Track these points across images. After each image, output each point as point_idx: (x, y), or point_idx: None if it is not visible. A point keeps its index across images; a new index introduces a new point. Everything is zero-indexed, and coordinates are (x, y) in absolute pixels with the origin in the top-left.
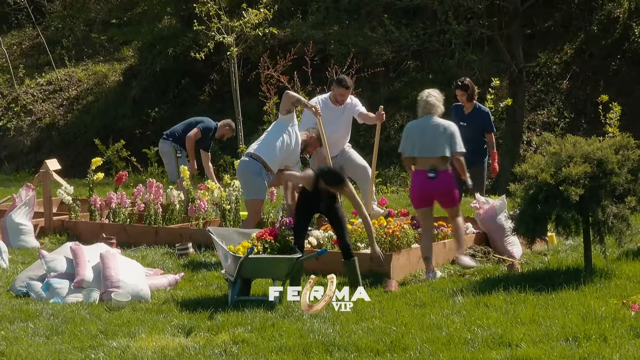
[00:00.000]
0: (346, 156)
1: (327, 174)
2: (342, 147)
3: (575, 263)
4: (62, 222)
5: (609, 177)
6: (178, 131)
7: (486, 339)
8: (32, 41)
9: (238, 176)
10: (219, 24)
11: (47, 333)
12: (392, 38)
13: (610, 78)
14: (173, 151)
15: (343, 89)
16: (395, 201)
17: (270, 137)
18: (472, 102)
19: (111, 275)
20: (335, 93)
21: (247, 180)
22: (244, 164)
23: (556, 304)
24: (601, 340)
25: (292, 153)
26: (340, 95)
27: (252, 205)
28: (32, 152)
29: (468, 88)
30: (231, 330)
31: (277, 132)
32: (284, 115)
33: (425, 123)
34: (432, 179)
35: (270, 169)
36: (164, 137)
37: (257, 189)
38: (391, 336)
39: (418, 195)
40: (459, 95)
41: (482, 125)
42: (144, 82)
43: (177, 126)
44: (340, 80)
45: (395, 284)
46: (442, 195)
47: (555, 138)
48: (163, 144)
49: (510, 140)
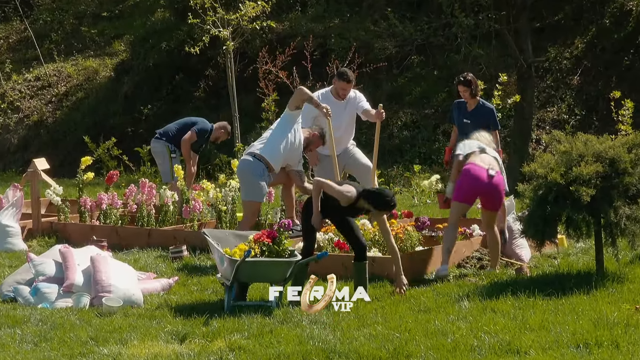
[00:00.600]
0: (350, 155)
1: (377, 198)
2: (345, 145)
3: (586, 267)
4: (51, 224)
5: (622, 177)
6: (172, 131)
7: (493, 346)
8: (19, 35)
9: (238, 175)
10: (215, 17)
11: (35, 340)
12: (396, 32)
13: (622, 73)
14: (167, 151)
15: (344, 82)
16: (398, 202)
17: (276, 136)
18: (475, 99)
19: (102, 279)
20: (337, 87)
21: (247, 180)
22: (247, 163)
23: (566, 310)
24: (613, 347)
25: (295, 152)
26: (342, 89)
27: (250, 206)
28: (20, 150)
29: (471, 84)
30: (227, 337)
31: (282, 131)
32: (292, 111)
33: None
34: (492, 177)
35: (273, 169)
36: (156, 136)
37: (257, 190)
38: (394, 343)
39: (473, 190)
40: (462, 91)
41: (486, 123)
42: (136, 78)
43: (171, 125)
44: (341, 74)
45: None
46: (494, 196)
47: (566, 136)
48: (156, 143)
49: (518, 138)
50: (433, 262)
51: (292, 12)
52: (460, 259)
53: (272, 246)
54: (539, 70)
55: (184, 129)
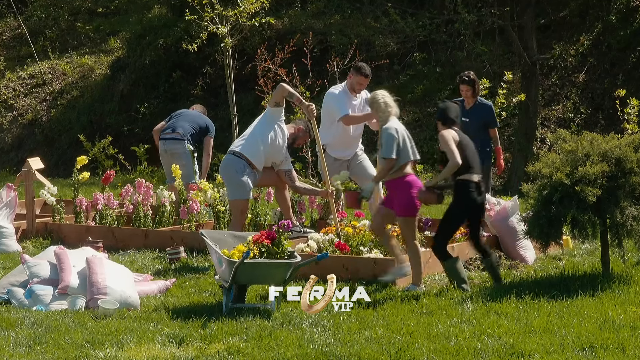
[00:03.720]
0: (357, 161)
1: None
2: (355, 148)
3: (591, 268)
4: (46, 225)
5: (628, 177)
6: (190, 131)
7: (497, 349)
8: (13, 32)
9: (220, 174)
10: (213, 14)
11: (30, 343)
12: (397, 28)
13: (629, 71)
14: (190, 152)
15: (362, 76)
16: None
17: (255, 133)
18: (474, 97)
19: (98, 281)
20: (354, 81)
21: (229, 178)
22: (227, 160)
23: (571, 312)
24: (619, 350)
25: (277, 149)
26: (359, 84)
27: (236, 205)
28: (14, 150)
29: (475, 83)
30: (225, 340)
31: (262, 128)
32: (272, 108)
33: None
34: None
35: (255, 167)
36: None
37: (240, 188)
38: (396, 346)
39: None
40: (464, 90)
41: (485, 120)
42: (133, 76)
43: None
44: (359, 68)
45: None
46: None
47: (571, 135)
48: (178, 144)
49: (523, 137)
50: (434, 262)
51: (292, 9)
52: (463, 260)
53: (271, 247)
54: (544, 68)
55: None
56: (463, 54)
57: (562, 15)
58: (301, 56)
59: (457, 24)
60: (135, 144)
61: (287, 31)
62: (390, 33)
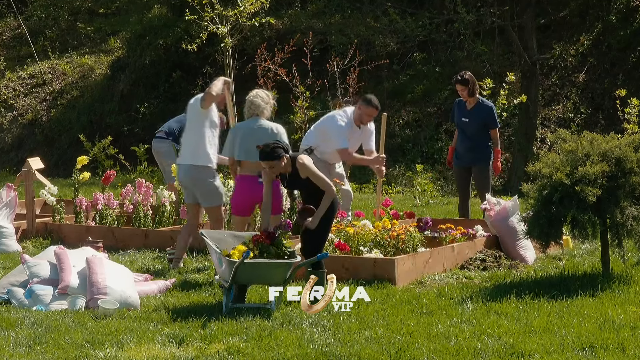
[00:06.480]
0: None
1: None
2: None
3: (592, 268)
4: (46, 225)
5: (628, 177)
6: (176, 129)
7: (497, 349)
8: (13, 32)
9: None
10: (213, 13)
11: (30, 343)
12: (397, 28)
13: (629, 71)
14: (174, 151)
15: (373, 108)
16: (400, 202)
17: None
18: (474, 97)
19: (98, 281)
20: (363, 112)
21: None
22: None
23: (571, 312)
24: (619, 350)
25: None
26: (368, 115)
27: (212, 212)
28: (14, 150)
29: (468, 82)
30: (225, 340)
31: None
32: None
33: (251, 125)
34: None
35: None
36: (161, 136)
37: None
38: (396, 346)
39: (249, 202)
40: (460, 90)
41: (485, 121)
42: (133, 76)
43: (172, 124)
44: (370, 100)
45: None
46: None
47: (571, 135)
48: (162, 143)
49: (523, 137)
50: (435, 263)
51: (292, 8)
52: (463, 260)
53: (271, 247)
54: (544, 68)
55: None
56: (463, 54)
57: (562, 15)
58: (301, 56)
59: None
60: (135, 144)
61: (287, 31)
62: (390, 33)
